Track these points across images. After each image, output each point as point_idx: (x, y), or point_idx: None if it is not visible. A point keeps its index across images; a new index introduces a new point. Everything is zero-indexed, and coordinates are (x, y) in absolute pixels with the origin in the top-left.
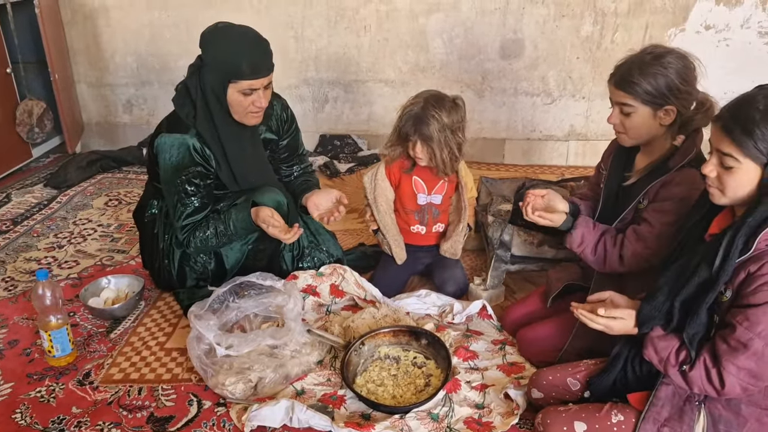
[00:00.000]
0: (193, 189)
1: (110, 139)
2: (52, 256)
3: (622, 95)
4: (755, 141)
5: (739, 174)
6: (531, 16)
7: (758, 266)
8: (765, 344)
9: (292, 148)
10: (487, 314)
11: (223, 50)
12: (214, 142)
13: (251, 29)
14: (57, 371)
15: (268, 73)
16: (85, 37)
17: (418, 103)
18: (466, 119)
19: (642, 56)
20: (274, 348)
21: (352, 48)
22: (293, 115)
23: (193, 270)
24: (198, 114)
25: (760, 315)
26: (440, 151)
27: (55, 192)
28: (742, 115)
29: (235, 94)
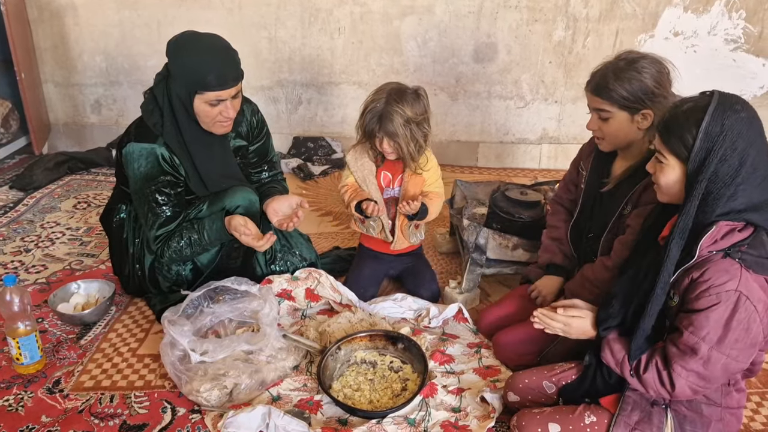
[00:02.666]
0: (164, 198)
1: (78, 140)
2: (19, 260)
3: (599, 101)
4: (675, 138)
5: (667, 170)
6: (504, 21)
7: (700, 272)
8: (710, 348)
9: (262, 153)
10: (462, 317)
11: (189, 61)
12: (182, 152)
13: (219, 38)
14: (25, 379)
15: (235, 83)
16: (53, 36)
17: (380, 99)
18: (430, 109)
19: (617, 62)
20: (249, 353)
21: (325, 50)
22: (263, 120)
23: (165, 279)
24: (165, 123)
25: (703, 320)
26: (406, 145)
27: (21, 194)
28: (669, 116)
29: (201, 105)
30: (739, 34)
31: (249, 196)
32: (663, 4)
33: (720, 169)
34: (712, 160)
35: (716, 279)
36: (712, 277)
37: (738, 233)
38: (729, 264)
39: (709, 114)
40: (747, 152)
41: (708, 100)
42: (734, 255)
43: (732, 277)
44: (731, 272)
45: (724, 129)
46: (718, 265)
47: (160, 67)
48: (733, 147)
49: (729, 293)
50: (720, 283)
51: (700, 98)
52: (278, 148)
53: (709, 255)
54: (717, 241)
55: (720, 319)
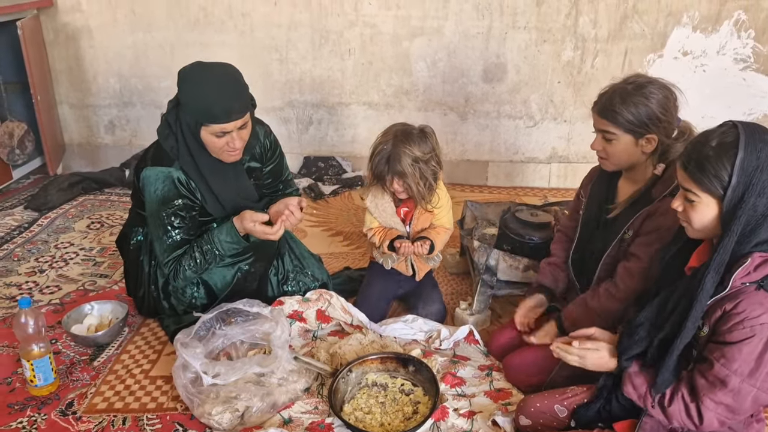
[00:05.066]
0: (179, 221)
1: (92, 161)
2: (33, 280)
3: (604, 123)
4: (708, 176)
5: (701, 208)
6: (513, 41)
7: (734, 304)
8: (741, 380)
9: (276, 173)
10: (473, 339)
11: (195, 93)
12: (197, 176)
13: (227, 70)
14: (39, 401)
15: (240, 116)
16: (68, 58)
17: (387, 141)
18: (439, 146)
19: (624, 86)
20: (261, 376)
21: (336, 71)
22: (276, 141)
23: (180, 302)
24: (180, 148)
25: (735, 353)
26: (416, 184)
27: (35, 214)
28: (696, 153)
29: (208, 136)
30: (749, 54)
31: None
32: (671, 24)
33: (759, 202)
34: (751, 194)
35: (751, 312)
36: (746, 310)
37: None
38: (764, 296)
39: (742, 149)
40: None
41: (735, 133)
42: (764, 286)
43: (766, 310)
44: (766, 305)
45: (760, 162)
46: (753, 298)
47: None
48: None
49: (764, 326)
50: (755, 316)
51: (725, 132)
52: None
53: (742, 286)
54: (750, 273)
55: (753, 351)
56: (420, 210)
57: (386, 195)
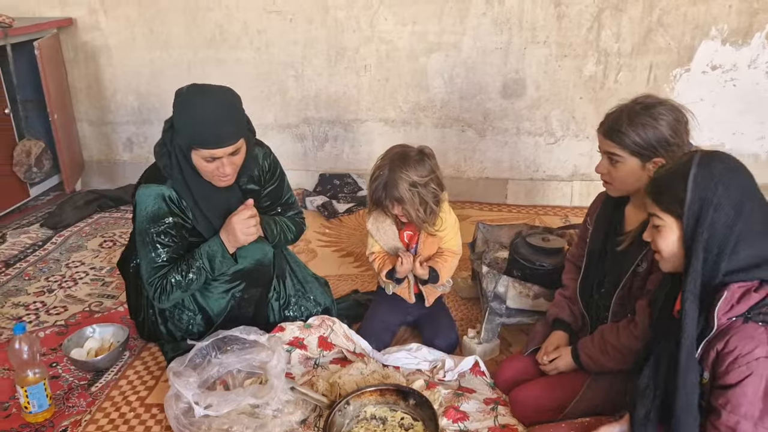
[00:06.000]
0: (168, 240)
1: (110, 177)
2: (41, 301)
3: (610, 145)
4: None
5: (665, 232)
6: (533, 56)
7: (724, 343)
8: (753, 424)
9: (275, 196)
10: (479, 371)
11: (187, 115)
12: (187, 195)
13: (223, 94)
14: (33, 428)
15: (231, 142)
16: (87, 76)
17: (384, 166)
18: (439, 169)
19: (632, 106)
20: (255, 407)
21: (352, 87)
22: (276, 162)
23: (177, 328)
24: (173, 167)
25: (740, 396)
26: (414, 209)
27: (50, 232)
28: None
29: (198, 159)
30: None
31: (259, 245)
32: (699, 38)
33: (717, 217)
34: (707, 209)
35: (742, 348)
36: (737, 346)
37: (754, 294)
38: (753, 329)
39: (695, 165)
40: (742, 200)
41: (692, 155)
42: (756, 318)
43: (759, 343)
44: (757, 338)
45: (713, 176)
46: (742, 332)
47: None
48: (726, 194)
49: (760, 361)
50: (747, 352)
51: (684, 156)
52: (304, 186)
53: (729, 322)
54: (734, 307)
55: (756, 391)
56: (425, 234)
57: (388, 218)
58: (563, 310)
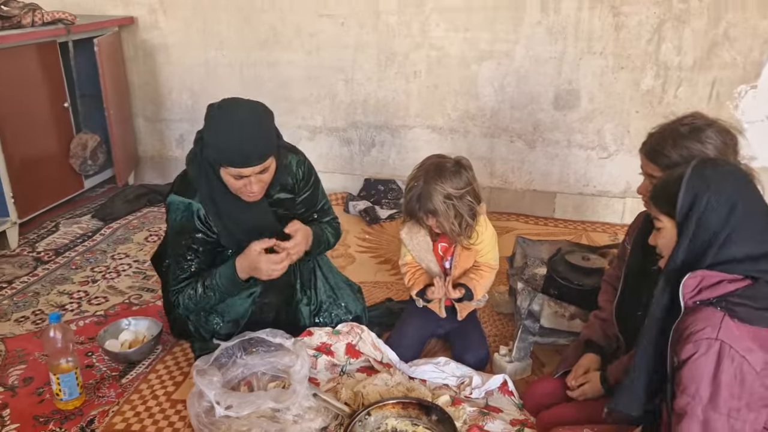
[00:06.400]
0: (192, 254)
1: (162, 173)
2: (84, 290)
3: (652, 167)
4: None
5: (664, 233)
6: (588, 67)
7: (682, 321)
8: (703, 408)
9: (310, 202)
10: (508, 390)
11: (216, 133)
12: (212, 209)
13: (253, 112)
14: (63, 415)
15: (258, 162)
16: (145, 74)
17: (419, 177)
18: (476, 181)
19: (678, 127)
20: (276, 411)
21: (401, 93)
22: (310, 170)
23: (205, 329)
24: (200, 178)
25: (687, 374)
26: (448, 222)
27: (100, 224)
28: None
29: (226, 176)
30: None
31: None
32: None
33: (708, 216)
34: (697, 206)
35: (694, 326)
36: (690, 325)
37: (729, 284)
38: (710, 312)
39: (690, 168)
40: (735, 200)
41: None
42: (718, 304)
43: (710, 324)
44: (711, 320)
45: (706, 179)
46: (699, 313)
47: None
48: (718, 194)
49: (709, 341)
50: (697, 330)
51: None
52: (348, 190)
53: (694, 306)
54: (702, 291)
55: (703, 371)
56: (460, 247)
57: (422, 229)
58: (596, 332)
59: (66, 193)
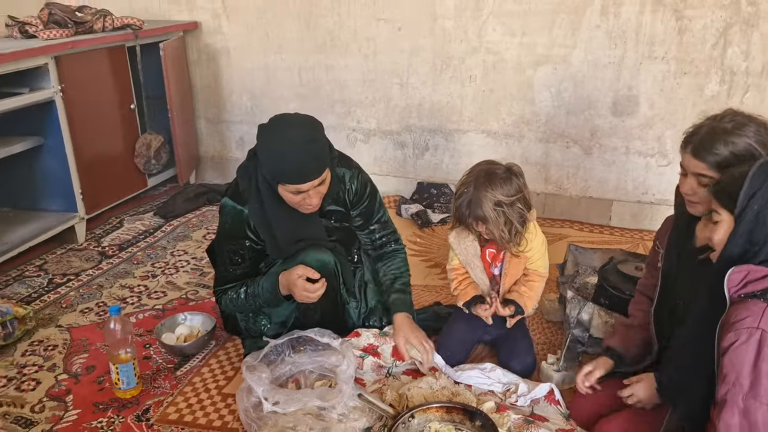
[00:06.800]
0: (239, 259)
1: (222, 173)
2: (144, 285)
3: (700, 166)
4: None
5: (722, 227)
6: (648, 72)
7: (726, 315)
8: (743, 396)
9: (367, 214)
10: (555, 399)
11: (270, 154)
12: (260, 220)
13: (305, 128)
14: (121, 403)
15: (316, 176)
16: (208, 77)
17: (469, 183)
18: (527, 187)
19: (720, 123)
20: (322, 409)
21: (456, 97)
22: (365, 182)
23: (253, 330)
24: (251, 192)
25: (728, 364)
26: (498, 229)
27: (162, 221)
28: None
29: (284, 192)
30: None
31: (320, 257)
32: None
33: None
34: (757, 202)
35: (736, 315)
36: (733, 315)
37: None
38: (753, 303)
39: (756, 165)
40: None
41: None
42: (762, 296)
43: (752, 314)
44: (753, 310)
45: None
46: (743, 304)
47: (299, 109)
48: None
49: (750, 330)
50: (739, 319)
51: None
52: (401, 193)
53: (739, 299)
54: (747, 285)
55: (744, 359)
56: (509, 255)
57: (471, 234)
58: (619, 339)
59: (130, 191)
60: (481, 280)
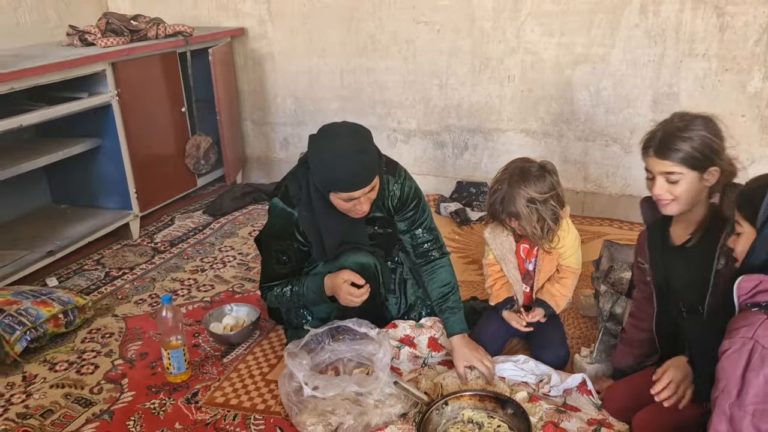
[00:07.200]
0: (285, 259)
1: (267, 173)
2: (194, 278)
3: (667, 164)
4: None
5: (744, 239)
6: (689, 70)
7: (730, 322)
8: (730, 403)
9: (412, 220)
10: (587, 389)
11: (322, 163)
12: (309, 227)
13: (354, 137)
14: (172, 387)
15: (366, 184)
16: (254, 81)
17: (504, 180)
18: (560, 185)
19: (673, 124)
20: (359, 395)
21: (494, 97)
22: (411, 189)
23: (294, 323)
24: (302, 197)
25: (719, 369)
26: (531, 226)
27: (210, 219)
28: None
29: (335, 199)
30: None
31: (361, 260)
32: None
33: None
34: None
35: (734, 324)
36: (732, 323)
37: None
38: (751, 313)
39: None
40: None
41: None
42: (766, 308)
43: (749, 323)
44: (750, 320)
45: None
46: (744, 314)
47: (340, 110)
48: None
49: (743, 340)
50: (736, 328)
51: None
52: (441, 192)
53: (746, 308)
54: (758, 294)
55: (735, 367)
56: (543, 251)
57: (506, 230)
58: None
59: (181, 190)
60: (514, 276)
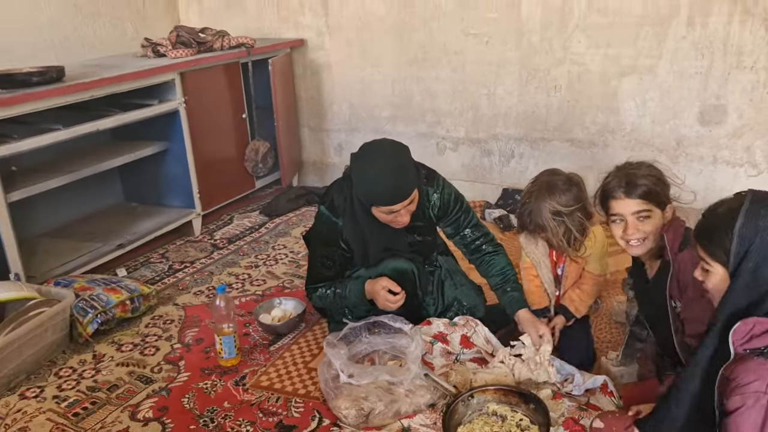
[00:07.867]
0: (330, 263)
1: (321, 177)
2: (248, 273)
3: (639, 202)
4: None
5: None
6: (737, 83)
7: (731, 369)
8: None
9: (457, 224)
10: (609, 391)
11: (363, 179)
12: (352, 235)
13: (393, 154)
14: (223, 370)
15: (405, 198)
16: (311, 89)
17: (532, 193)
18: (588, 197)
19: (628, 169)
20: (391, 384)
21: (541, 107)
22: (449, 197)
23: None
24: (347, 208)
25: (732, 427)
26: (557, 238)
27: (266, 219)
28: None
29: (378, 213)
30: None
31: (399, 266)
32: None
33: (763, 267)
34: (751, 259)
35: (741, 378)
36: (738, 377)
37: None
38: (758, 363)
39: (742, 215)
40: None
41: (741, 201)
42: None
43: (760, 377)
44: (758, 372)
45: (758, 230)
46: (747, 363)
47: (392, 118)
48: None
49: (757, 395)
50: (745, 383)
51: (733, 200)
52: (487, 198)
53: (744, 354)
54: (752, 339)
55: (751, 425)
56: (569, 260)
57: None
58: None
59: (240, 191)
60: (547, 279)
